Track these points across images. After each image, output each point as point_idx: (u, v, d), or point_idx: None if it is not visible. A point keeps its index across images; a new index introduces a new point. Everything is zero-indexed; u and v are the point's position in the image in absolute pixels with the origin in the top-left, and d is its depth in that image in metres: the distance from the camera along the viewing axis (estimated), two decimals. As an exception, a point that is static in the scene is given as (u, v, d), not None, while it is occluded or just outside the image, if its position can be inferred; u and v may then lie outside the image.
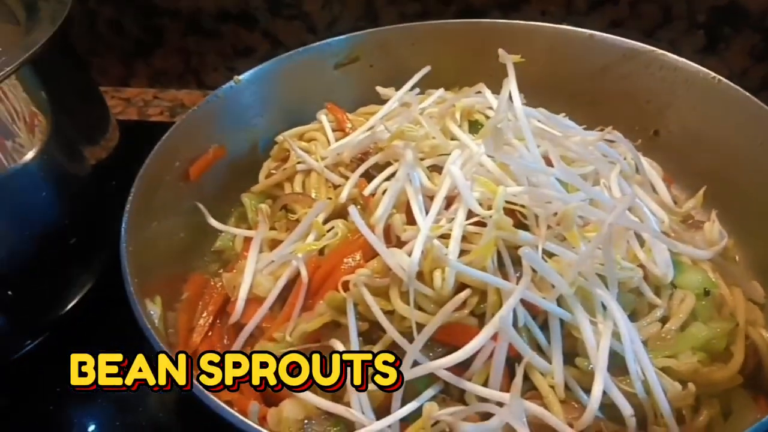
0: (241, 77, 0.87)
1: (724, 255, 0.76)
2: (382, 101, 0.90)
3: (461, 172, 0.65)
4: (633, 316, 0.65)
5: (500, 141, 0.63)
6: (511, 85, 0.72)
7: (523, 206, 0.64)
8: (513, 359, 0.59)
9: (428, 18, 1.14)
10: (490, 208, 0.63)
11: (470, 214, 0.64)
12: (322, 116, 0.89)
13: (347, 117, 0.88)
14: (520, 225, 0.64)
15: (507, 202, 0.64)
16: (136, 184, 0.70)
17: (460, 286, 0.61)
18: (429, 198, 0.68)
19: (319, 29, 1.19)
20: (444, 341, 0.60)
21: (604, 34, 0.90)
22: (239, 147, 0.89)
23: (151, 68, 1.31)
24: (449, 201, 0.67)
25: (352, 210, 0.65)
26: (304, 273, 0.66)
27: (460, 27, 0.98)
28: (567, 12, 1.09)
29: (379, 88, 0.93)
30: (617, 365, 0.60)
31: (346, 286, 0.63)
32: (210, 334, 0.71)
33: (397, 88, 0.91)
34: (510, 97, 0.72)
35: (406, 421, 0.59)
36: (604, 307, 0.61)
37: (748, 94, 0.78)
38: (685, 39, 1.10)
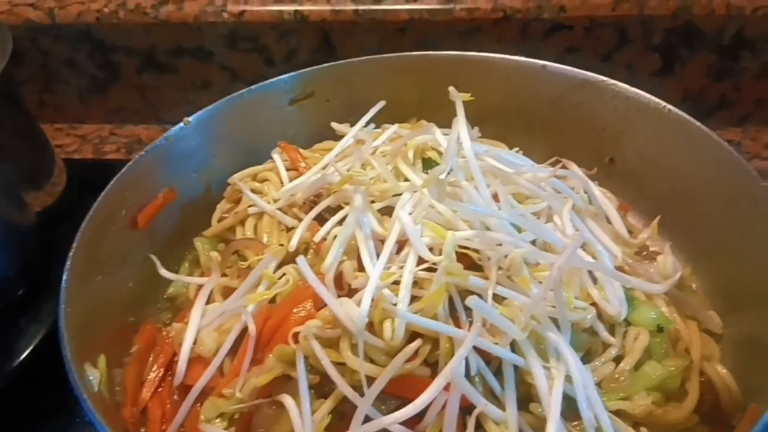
0: (190, 118, 0.85)
1: (680, 284, 0.76)
2: (340, 136, 0.89)
3: (410, 218, 0.64)
4: (587, 356, 0.64)
5: (443, 191, 0.62)
6: (460, 124, 0.71)
7: (476, 250, 0.64)
8: (468, 408, 0.58)
9: (385, 48, 1.14)
10: (441, 252, 0.62)
11: (421, 259, 0.63)
12: (276, 155, 0.88)
13: (301, 155, 0.87)
14: (474, 266, 0.64)
15: (459, 245, 0.63)
16: (77, 240, 0.68)
17: (413, 335, 0.60)
18: (381, 242, 0.67)
19: (277, 61, 1.18)
20: (396, 394, 0.59)
21: (557, 65, 0.89)
22: (192, 189, 0.87)
23: (108, 104, 1.29)
24: (401, 245, 0.66)
25: (301, 261, 0.63)
26: (252, 328, 0.64)
27: (416, 59, 0.97)
28: (523, 39, 1.09)
29: (334, 125, 0.92)
30: (572, 409, 0.59)
31: (297, 338, 0.62)
32: (160, 389, 0.69)
33: (355, 122, 0.90)
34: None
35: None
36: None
37: (698, 123, 0.78)
38: (641, 61, 1.11)
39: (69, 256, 0.66)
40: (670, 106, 0.81)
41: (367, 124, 0.89)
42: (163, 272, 0.78)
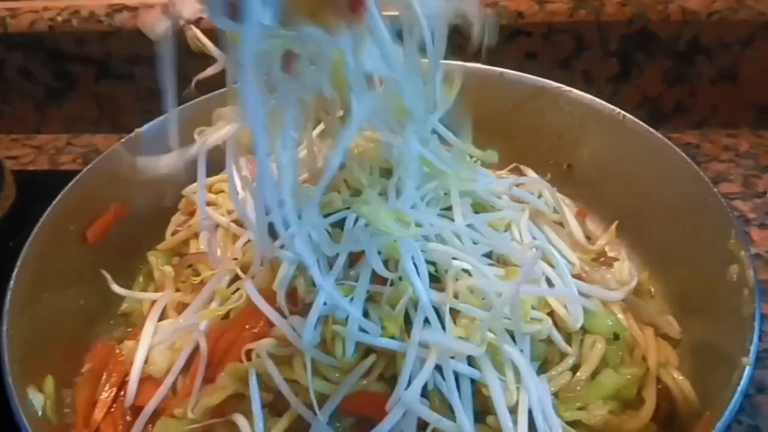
0: (141, 129, 0.83)
1: (638, 289, 0.76)
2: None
3: (366, 230, 0.63)
4: (544, 365, 0.64)
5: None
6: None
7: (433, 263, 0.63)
8: (425, 423, 0.58)
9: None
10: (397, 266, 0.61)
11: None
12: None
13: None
14: (432, 277, 0.63)
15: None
16: (22, 257, 0.66)
17: (368, 349, 0.60)
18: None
19: (236, 68, 1.16)
20: (352, 412, 0.58)
21: (514, 72, 0.90)
22: (146, 201, 0.85)
23: (64, 114, 1.26)
24: (355, 258, 0.65)
25: (248, 284, 0.62)
26: (203, 346, 0.63)
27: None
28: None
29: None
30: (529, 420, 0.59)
31: (249, 355, 0.61)
32: (113, 409, 0.67)
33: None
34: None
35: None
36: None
37: (651, 129, 0.79)
38: (599, 67, 1.12)
39: (12, 276, 0.64)
40: (624, 113, 0.82)
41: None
42: (115, 288, 0.76)
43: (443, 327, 0.59)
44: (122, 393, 0.69)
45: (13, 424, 0.56)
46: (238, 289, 0.68)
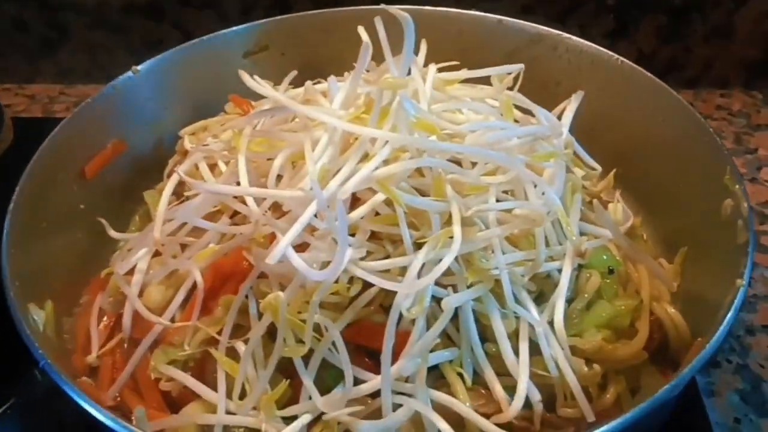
0: (139, 67, 0.83)
1: (631, 233, 0.77)
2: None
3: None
4: (541, 297, 0.65)
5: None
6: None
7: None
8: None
9: (342, 4, 1.12)
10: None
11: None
12: (228, 108, 0.86)
13: (253, 108, 0.85)
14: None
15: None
16: (21, 184, 0.67)
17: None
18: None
19: (232, 18, 1.15)
20: (351, 340, 0.58)
21: (512, 19, 0.90)
22: (143, 142, 0.85)
23: (57, 65, 1.25)
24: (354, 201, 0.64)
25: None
26: (199, 280, 0.62)
27: (371, 13, 0.96)
28: (480, -3, 1.09)
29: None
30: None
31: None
32: (111, 340, 0.68)
33: (312, 75, 0.89)
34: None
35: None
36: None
37: (649, 74, 0.80)
38: (594, 23, 1.12)
39: (12, 199, 0.64)
40: (622, 58, 0.82)
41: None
42: (112, 233, 0.76)
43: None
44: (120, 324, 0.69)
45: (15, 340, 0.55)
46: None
